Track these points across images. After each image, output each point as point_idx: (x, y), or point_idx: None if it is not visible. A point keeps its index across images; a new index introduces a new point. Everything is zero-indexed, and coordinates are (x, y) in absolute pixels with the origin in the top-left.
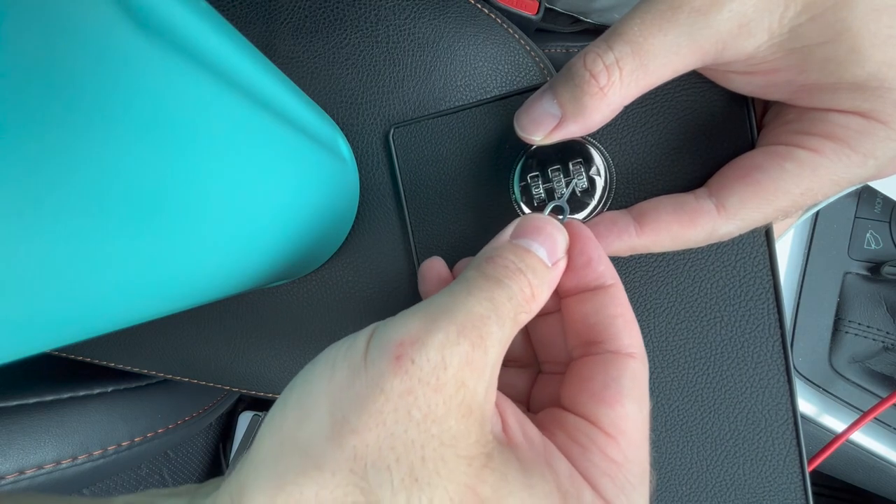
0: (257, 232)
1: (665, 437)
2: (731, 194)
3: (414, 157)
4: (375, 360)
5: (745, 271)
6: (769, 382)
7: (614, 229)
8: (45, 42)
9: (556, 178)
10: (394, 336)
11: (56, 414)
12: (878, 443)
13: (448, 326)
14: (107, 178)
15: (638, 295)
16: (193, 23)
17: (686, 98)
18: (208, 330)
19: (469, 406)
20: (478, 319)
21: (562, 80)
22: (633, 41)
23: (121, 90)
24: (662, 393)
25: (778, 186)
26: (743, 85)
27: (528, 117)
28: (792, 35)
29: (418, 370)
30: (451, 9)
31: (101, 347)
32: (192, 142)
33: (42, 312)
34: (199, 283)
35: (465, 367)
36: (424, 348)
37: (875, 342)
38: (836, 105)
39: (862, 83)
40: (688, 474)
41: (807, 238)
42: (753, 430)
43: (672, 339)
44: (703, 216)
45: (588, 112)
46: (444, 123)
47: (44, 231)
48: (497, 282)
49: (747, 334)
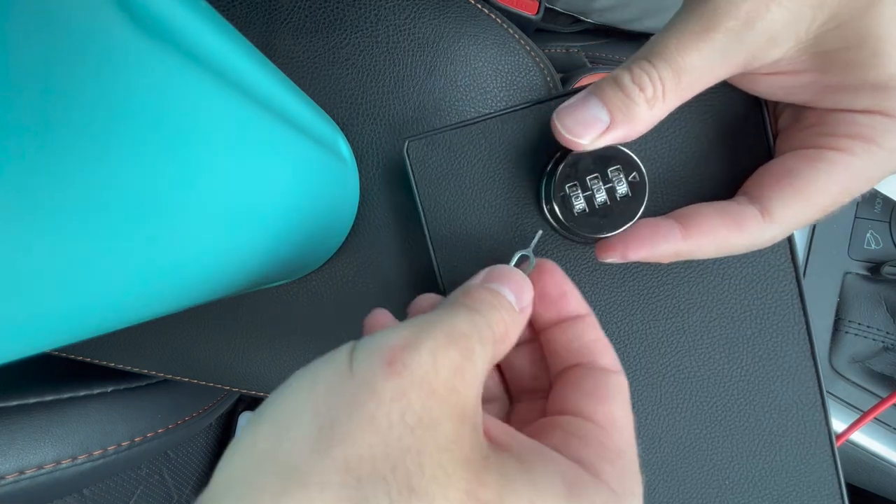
0: (257, 232)
1: (705, 433)
2: (774, 198)
3: (431, 170)
4: (364, 366)
5: (768, 266)
6: (798, 371)
7: (659, 232)
8: (46, 42)
9: (595, 185)
10: (382, 343)
11: (56, 414)
12: (878, 443)
13: (437, 335)
14: (107, 177)
15: (669, 298)
16: (193, 23)
17: (703, 102)
18: (208, 330)
19: (462, 412)
20: (462, 334)
21: (611, 89)
22: (671, 59)
23: (121, 90)
24: (699, 391)
25: (817, 188)
26: (766, 87)
27: (574, 120)
28: (818, 41)
29: (410, 374)
30: (451, 9)
31: (101, 347)
32: (192, 142)
33: (42, 312)
34: (199, 283)
35: (456, 373)
36: (417, 352)
37: (875, 342)
38: (858, 105)
39: (883, 84)
40: (728, 468)
41: (807, 238)
42: (785, 419)
43: (704, 337)
44: (750, 221)
45: (636, 121)
46: (461, 135)
47: (44, 231)
48: (476, 311)
49: (775, 327)
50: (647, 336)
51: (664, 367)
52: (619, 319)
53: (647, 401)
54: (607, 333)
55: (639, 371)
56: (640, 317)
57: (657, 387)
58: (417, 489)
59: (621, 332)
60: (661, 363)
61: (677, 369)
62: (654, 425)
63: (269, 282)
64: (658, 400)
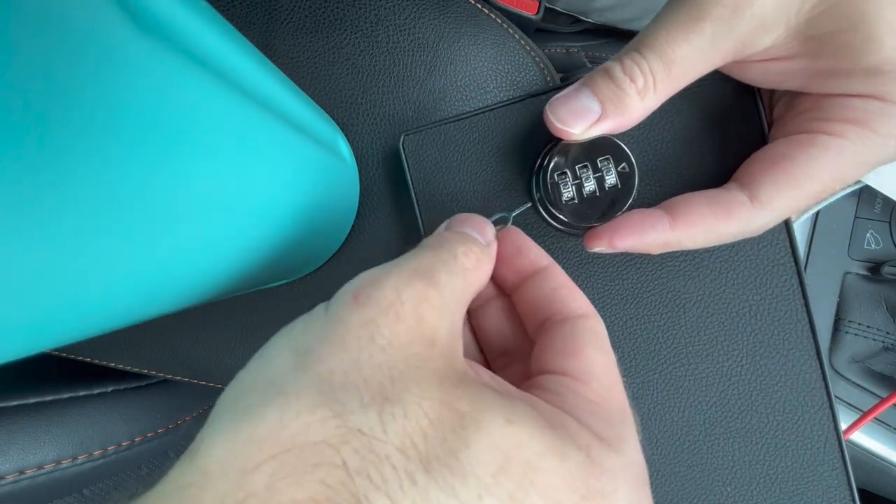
0: (257, 231)
1: (705, 430)
2: (763, 184)
3: (426, 164)
4: (334, 305)
5: (768, 259)
6: (802, 368)
7: (647, 221)
8: (46, 41)
9: (584, 174)
10: (350, 285)
11: (56, 414)
12: (878, 443)
13: (401, 272)
14: (107, 177)
15: (666, 291)
16: (193, 23)
17: (696, 92)
18: (208, 330)
19: (432, 339)
20: (426, 268)
21: (602, 80)
22: (661, 50)
23: (121, 90)
24: (698, 386)
25: (807, 173)
26: (759, 74)
27: (566, 110)
28: (809, 25)
29: (377, 304)
30: (451, 9)
31: (101, 347)
32: (192, 142)
33: (42, 312)
34: (199, 283)
35: (422, 302)
36: (380, 286)
37: (875, 342)
38: (851, 90)
39: (876, 68)
40: (731, 465)
41: (807, 238)
42: (790, 415)
43: (703, 332)
44: (738, 207)
45: (627, 112)
46: (455, 129)
47: (43, 230)
48: (440, 247)
49: (776, 321)
50: (644, 331)
51: (661, 364)
52: (614, 314)
53: (644, 399)
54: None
55: (634, 368)
56: (635, 311)
57: (654, 384)
58: (391, 398)
59: (616, 327)
60: (659, 359)
61: (674, 366)
62: (652, 425)
63: (269, 282)
64: (655, 398)
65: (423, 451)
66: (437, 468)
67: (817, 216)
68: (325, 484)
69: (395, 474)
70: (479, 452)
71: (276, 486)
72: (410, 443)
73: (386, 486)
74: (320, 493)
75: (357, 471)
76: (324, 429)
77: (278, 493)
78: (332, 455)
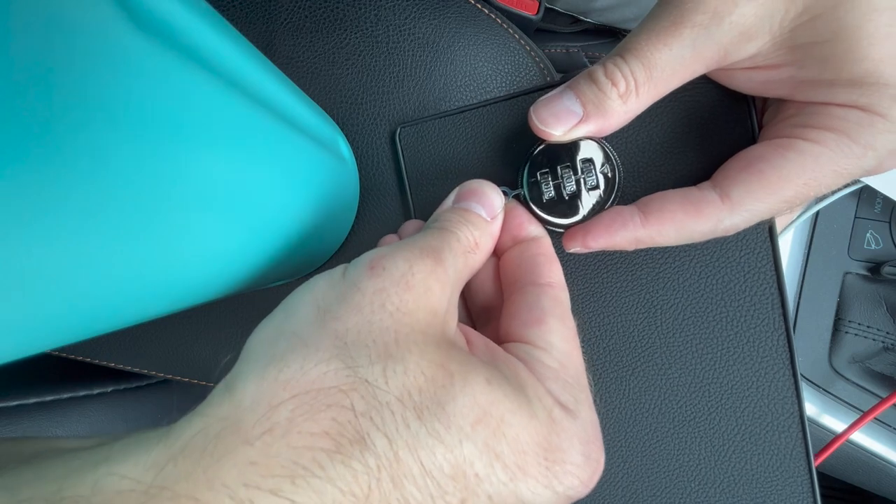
0: (257, 232)
1: (673, 433)
2: (735, 185)
3: (420, 156)
4: (352, 271)
5: (749, 267)
6: (774, 377)
7: (618, 219)
8: (46, 41)
9: (565, 174)
10: (367, 255)
11: (56, 414)
12: (878, 443)
13: (413, 248)
14: (106, 177)
15: (644, 292)
16: (193, 23)
17: (689, 97)
18: (208, 330)
19: (435, 309)
20: (434, 248)
21: (585, 83)
22: (641, 55)
23: (120, 89)
24: (670, 389)
25: (781, 176)
26: (744, 82)
27: (548, 111)
28: (793, 34)
29: (390, 275)
30: (451, 9)
31: (101, 347)
32: (192, 142)
33: (42, 312)
34: (199, 283)
35: (430, 275)
36: (394, 259)
37: (875, 342)
38: (834, 99)
39: (859, 79)
40: (696, 469)
41: (807, 238)
42: (759, 424)
43: (678, 335)
44: (708, 206)
45: (609, 115)
46: (450, 123)
47: (43, 230)
48: (444, 230)
49: (752, 329)
50: (620, 330)
51: (635, 363)
52: (593, 311)
53: (615, 395)
54: (579, 325)
55: (609, 364)
56: (613, 310)
57: (626, 381)
58: (394, 356)
59: (594, 325)
60: (633, 358)
61: (648, 365)
62: (621, 420)
63: (269, 282)
64: (626, 395)
65: (417, 402)
66: (427, 416)
67: (817, 216)
68: (336, 421)
69: (393, 418)
70: (462, 406)
71: (295, 420)
72: (408, 394)
73: (385, 428)
74: (331, 428)
75: (362, 413)
76: (337, 377)
77: (297, 425)
78: (343, 399)
